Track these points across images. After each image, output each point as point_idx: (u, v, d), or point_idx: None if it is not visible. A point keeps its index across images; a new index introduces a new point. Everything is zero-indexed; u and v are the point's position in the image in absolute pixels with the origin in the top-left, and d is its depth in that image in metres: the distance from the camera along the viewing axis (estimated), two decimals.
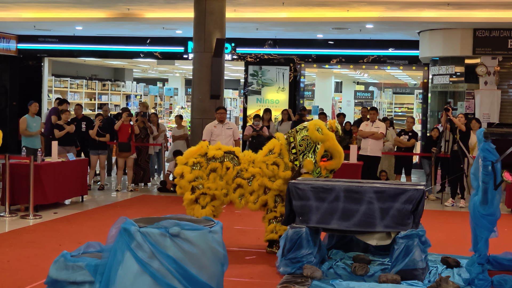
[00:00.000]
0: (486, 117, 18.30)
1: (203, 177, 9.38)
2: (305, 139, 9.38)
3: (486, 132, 7.69)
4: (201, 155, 9.51)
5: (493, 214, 7.80)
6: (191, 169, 9.42)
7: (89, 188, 15.45)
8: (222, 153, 9.52)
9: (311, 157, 9.33)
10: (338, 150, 9.45)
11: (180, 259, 5.37)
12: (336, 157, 9.43)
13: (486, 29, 18.51)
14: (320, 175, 9.35)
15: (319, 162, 9.34)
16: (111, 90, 30.54)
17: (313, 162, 9.30)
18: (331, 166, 9.44)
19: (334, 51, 22.90)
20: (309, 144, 9.36)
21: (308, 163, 9.30)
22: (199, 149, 9.59)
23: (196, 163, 9.43)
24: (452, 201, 14.84)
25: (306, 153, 9.35)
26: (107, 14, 19.38)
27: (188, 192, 9.38)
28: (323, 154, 9.39)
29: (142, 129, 16.69)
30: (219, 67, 15.82)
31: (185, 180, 9.40)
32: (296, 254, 8.24)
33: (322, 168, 9.36)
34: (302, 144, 9.37)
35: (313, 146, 9.35)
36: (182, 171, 9.45)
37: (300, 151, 9.37)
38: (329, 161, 9.43)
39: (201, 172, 9.39)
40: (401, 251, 7.95)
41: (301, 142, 9.38)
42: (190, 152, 9.62)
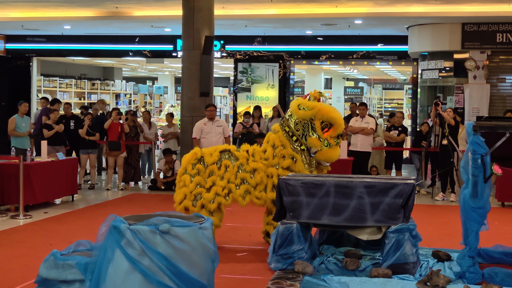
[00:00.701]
0: (475, 111, 18.34)
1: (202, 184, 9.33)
2: (298, 123, 9.35)
3: (476, 126, 7.70)
4: (197, 159, 9.47)
5: (483, 207, 7.82)
6: (191, 178, 9.38)
7: (79, 187, 15.41)
8: (218, 155, 9.49)
9: (313, 135, 9.29)
10: (332, 115, 9.34)
11: (171, 256, 5.35)
12: (335, 121, 9.34)
13: (474, 23, 18.54)
14: (330, 145, 9.29)
15: (323, 135, 9.29)
16: (101, 89, 30.49)
17: (317, 138, 9.26)
18: (335, 132, 9.37)
19: (323, 47, 22.90)
20: (304, 125, 9.31)
21: (313, 141, 9.25)
22: (193, 155, 9.53)
23: (196, 171, 9.39)
24: (443, 195, 14.87)
25: (306, 134, 9.31)
26: (95, 13, 19.33)
27: (189, 202, 9.34)
28: (323, 125, 9.33)
29: (132, 128, 16.65)
30: (208, 65, 15.80)
31: (188, 190, 9.35)
32: (287, 250, 8.23)
33: (328, 138, 9.31)
34: (299, 128, 9.33)
35: (309, 125, 9.31)
36: (184, 181, 9.42)
37: (300, 135, 9.34)
38: (331, 128, 9.36)
39: (202, 179, 9.35)
40: (392, 245, 7.95)
41: (296, 126, 9.34)
42: (186, 160, 9.57)
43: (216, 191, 9.29)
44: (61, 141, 15.38)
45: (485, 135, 7.69)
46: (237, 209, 11.83)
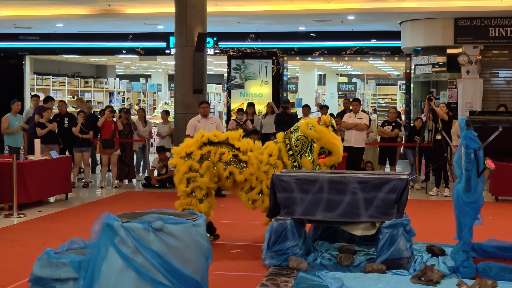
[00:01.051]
0: (468, 106, 18.36)
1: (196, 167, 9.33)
2: (299, 139, 9.39)
3: (468, 120, 7.71)
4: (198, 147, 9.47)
5: (477, 201, 7.83)
6: (183, 161, 9.39)
7: (73, 186, 15.38)
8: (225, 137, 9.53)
9: (308, 156, 9.32)
10: (335, 144, 9.40)
11: (164, 253, 5.35)
12: (334, 152, 9.39)
13: (467, 18, 18.56)
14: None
15: (318, 160, 9.33)
16: (94, 87, 30.44)
17: (310, 161, 9.31)
18: (330, 162, 9.41)
19: (317, 43, 22.92)
20: (304, 143, 9.36)
21: (306, 162, 9.30)
22: (196, 141, 9.53)
23: (189, 153, 9.39)
24: (437, 190, 14.89)
25: (303, 153, 9.35)
26: (87, 11, 19.30)
27: (183, 184, 9.34)
28: (321, 151, 9.38)
29: (126, 125, 16.64)
30: (201, 62, 15.79)
31: (180, 172, 9.36)
32: (282, 246, 8.23)
33: (322, 165, 9.35)
34: (298, 145, 9.37)
35: (309, 145, 9.36)
36: (176, 164, 9.43)
37: (296, 151, 9.37)
38: (328, 157, 9.40)
39: (193, 163, 9.35)
40: (386, 240, 7.96)
41: (296, 142, 9.38)
42: (186, 144, 9.57)
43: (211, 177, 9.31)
44: (54, 139, 15.35)
45: (478, 129, 7.69)
46: (232, 206, 11.86)
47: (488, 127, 7.76)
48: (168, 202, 13.17)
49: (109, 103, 29.38)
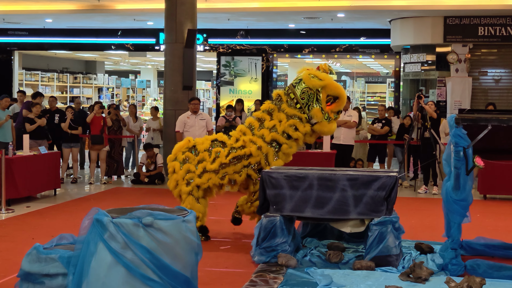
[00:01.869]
0: (457, 104, 18.41)
1: (192, 169, 9.36)
2: (305, 92, 9.31)
3: (458, 118, 7.73)
4: (189, 148, 9.49)
5: (465, 199, 7.86)
6: (181, 165, 9.40)
7: (62, 181, 15.34)
8: (209, 143, 9.53)
9: (316, 106, 9.28)
10: (339, 89, 9.38)
11: (154, 249, 5.34)
12: (340, 95, 9.35)
13: (456, 16, 18.61)
14: (330, 119, 9.31)
15: (325, 108, 9.30)
16: (83, 83, 30.38)
17: (320, 110, 9.26)
18: (337, 107, 9.36)
19: (306, 40, 22.93)
20: (310, 94, 9.29)
21: (316, 112, 9.23)
22: (186, 143, 9.56)
23: (185, 158, 9.41)
24: (425, 188, 14.94)
25: (310, 104, 9.30)
26: (77, 6, 19.25)
27: (183, 185, 9.36)
28: (328, 98, 9.34)
29: (115, 121, 16.60)
30: (191, 58, 15.78)
31: (179, 175, 9.37)
32: (271, 243, 8.24)
33: (329, 111, 9.31)
34: (304, 97, 9.30)
35: (314, 95, 9.29)
36: (173, 168, 9.44)
37: (303, 104, 9.32)
38: (333, 103, 9.37)
39: (191, 165, 9.37)
40: (375, 238, 7.98)
41: (302, 95, 9.32)
42: (177, 147, 9.60)
43: (209, 177, 9.32)
44: (43, 135, 15.30)
45: (467, 127, 7.72)
46: (221, 202, 11.84)
47: (477, 125, 7.79)
48: (157, 198, 13.19)
49: (98, 99, 29.30)
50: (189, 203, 9.30)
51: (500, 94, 19.13)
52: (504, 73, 19.17)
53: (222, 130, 16.61)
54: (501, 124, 7.73)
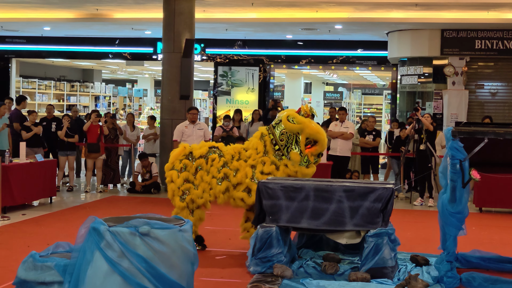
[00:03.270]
0: (454, 117, 18.46)
1: (190, 179, 9.35)
2: (284, 133, 9.34)
3: (455, 131, 7.75)
4: (185, 155, 9.48)
5: (461, 212, 7.87)
6: (178, 174, 9.39)
7: (58, 190, 15.32)
8: (207, 149, 9.53)
9: (295, 149, 9.29)
10: (319, 132, 9.32)
11: (150, 258, 5.35)
12: (319, 140, 9.31)
13: (453, 29, 18.68)
14: (309, 163, 9.30)
15: (304, 151, 9.29)
16: (80, 91, 30.38)
17: (298, 153, 9.26)
18: (316, 151, 9.33)
19: (304, 51, 22.99)
20: (289, 136, 9.30)
21: (294, 155, 9.24)
22: (182, 150, 9.55)
23: (183, 166, 9.41)
24: (421, 200, 14.95)
25: (289, 146, 9.30)
26: (75, 15, 19.27)
27: (177, 198, 9.36)
28: (306, 141, 9.31)
29: (112, 130, 16.60)
30: (188, 68, 15.81)
31: (175, 185, 9.38)
32: (266, 253, 8.24)
33: (309, 155, 9.30)
34: (283, 139, 9.31)
35: (293, 137, 9.29)
36: (171, 177, 9.44)
37: (282, 145, 9.33)
38: (314, 146, 9.34)
39: (189, 174, 9.36)
40: (371, 249, 7.98)
41: (281, 136, 9.33)
42: (174, 155, 9.59)
43: (204, 188, 9.33)
44: (39, 142, 15.31)
45: (464, 140, 7.74)
46: (217, 212, 11.83)
47: (473, 138, 7.81)
48: (153, 208, 13.17)
49: (94, 108, 29.30)
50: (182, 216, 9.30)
51: (497, 108, 19.18)
52: (500, 87, 19.23)
53: (219, 140, 16.62)
54: (498, 138, 7.75)
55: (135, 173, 16.23)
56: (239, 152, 9.52)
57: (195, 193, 9.32)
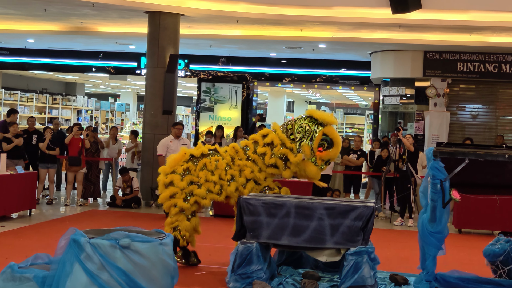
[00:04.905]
0: (435, 138, 18.57)
1: (194, 180, 9.32)
2: (303, 126, 9.37)
3: (436, 151, 7.80)
4: (186, 160, 9.46)
5: (441, 231, 7.90)
6: (181, 177, 9.34)
7: (38, 202, 15.23)
8: (207, 150, 9.53)
9: (308, 144, 9.30)
10: (338, 137, 9.39)
11: (130, 271, 5.33)
12: (335, 144, 9.33)
13: (436, 51, 18.83)
14: (316, 164, 9.32)
15: (316, 151, 9.29)
16: (62, 104, 30.27)
17: (310, 147, 9.27)
18: (327, 156, 9.34)
19: (287, 70, 23.08)
20: (306, 131, 9.32)
21: (306, 148, 9.25)
22: (182, 156, 9.53)
23: (185, 169, 9.37)
24: (401, 220, 14.99)
25: (304, 140, 9.32)
26: (59, 27, 19.23)
27: (180, 200, 9.30)
28: (320, 143, 9.32)
29: (93, 144, 16.55)
30: (172, 83, 15.82)
31: (176, 188, 9.32)
32: (246, 270, 8.22)
33: (318, 157, 9.31)
34: (300, 131, 9.34)
35: (310, 134, 9.31)
36: (172, 180, 9.38)
37: (297, 138, 9.35)
38: (326, 151, 9.35)
39: (193, 177, 9.33)
40: (351, 267, 7.99)
41: (299, 129, 9.36)
42: (174, 161, 9.54)
43: (209, 187, 9.31)
44: (20, 154, 15.23)
45: (445, 160, 7.78)
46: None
47: (454, 159, 7.85)
48: (133, 222, 13.12)
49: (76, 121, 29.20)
50: (177, 219, 9.27)
51: (477, 130, 19.33)
52: (481, 109, 19.39)
53: None
54: (478, 159, 7.80)
55: (116, 187, 16.18)
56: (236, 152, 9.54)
57: (199, 192, 9.28)
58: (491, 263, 8.86)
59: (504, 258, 8.59)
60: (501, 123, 19.48)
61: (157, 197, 15.23)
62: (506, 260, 8.64)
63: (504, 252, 8.63)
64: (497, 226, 14.09)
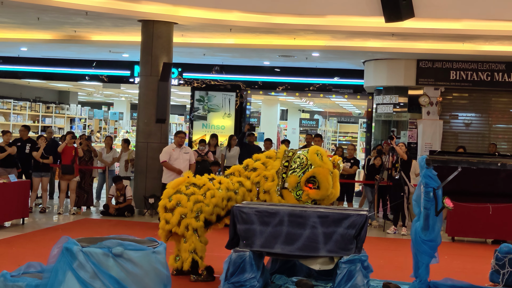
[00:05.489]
0: (428, 146, 18.60)
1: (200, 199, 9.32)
2: (300, 157, 9.42)
3: (429, 159, 7.81)
4: (189, 183, 9.47)
5: (434, 240, 7.91)
6: (188, 197, 9.34)
7: (31, 211, 15.21)
8: (207, 180, 9.58)
9: (297, 175, 9.32)
10: (328, 182, 9.31)
11: (123, 279, 5.32)
12: (322, 188, 9.32)
13: (429, 60, 18.88)
14: (300, 199, 9.34)
15: (303, 185, 9.32)
16: (55, 113, 30.25)
17: (297, 179, 9.29)
18: (314, 195, 9.36)
19: (280, 78, 23.10)
20: (302, 163, 9.36)
21: (292, 177, 9.29)
22: (185, 179, 9.54)
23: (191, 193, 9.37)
24: (394, 228, 15.00)
25: (297, 170, 9.34)
26: (53, 36, 19.23)
27: (192, 220, 9.27)
28: (310, 179, 9.35)
29: (86, 152, 16.54)
30: (165, 91, 15.83)
31: (185, 209, 9.29)
32: (239, 278, 8.20)
33: (305, 193, 9.34)
34: (296, 161, 9.38)
35: (305, 168, 9.35)
36: (179, 200, 9.37)
37: (291, 166, 9.39)
38: (315, 189, 9.39)
39: (198, 195, 9.33)
40: (344, 276, 7.97)
41: (296, 159, 9.40)
42: (178, 182, 9.55)
43: (216, 203, 9.36)
44: (13, 163, 15.21)
45: (438, 169, 7.80)
46: None
47: (447, 167, 7.87)
48: (126, 231, 13.07)
49: (70, 130, 29.17)
50: (193, 241, 9.27)
51: (470, 138, 19.37)
52: (474, 118, 19.44)
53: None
54: (471, 167, 7.82)
55: (110, 196, 16.16)
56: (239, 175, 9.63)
57: (207, 210, 9.30)
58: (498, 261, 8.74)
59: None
60: (494, 131, 19.53)
61: (150, 206, 15.42)
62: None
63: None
64: (490, 234, 14.13)
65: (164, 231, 9.40)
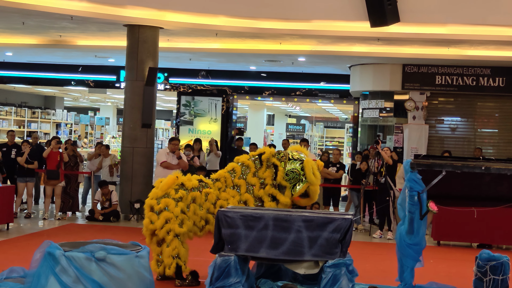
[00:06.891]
0: (414, 150, 18.64)
1: (184, 210, 9.32)
2: (294, 172, 9.50)
3: (413, 163, 7.83)
4: (178, 185, 9.45)
5: (419, 243, 7.93)
6: (176, 203, 9.32)
7: (15, 216, 15.12)
8: (198, 183, 9.54)
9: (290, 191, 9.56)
10: (317, 193, 9.74)
11: (106, 284, 5.30)
12: (312, 197, 9.71)
13: (414, 65, 18.93)
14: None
15: (295, 196, 9.52)
16: (41, 118, 30.13)
17: (290, 198, 9.54)
18: (302, 203, 9.76)
19: (267, 83, 23.12)
20: (294, 177, 9.48)
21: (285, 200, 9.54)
22: (175, 180, 9.51)
23: (179, 197, 9.35)
24: (380, 233, 15.02)
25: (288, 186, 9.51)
26: (38, 41, 19.16)
27: (176, 226, 9.26)
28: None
29: (72, 157, 16.48)
30: (151, 96, 15.80)
31: (171, 214, 9.27)
32: (224, 283, 8.18)
33: (295, 201, 9.57)
34: (289, 174, 9.49)
35: (297, 181, 9.49)
36: (167, 205, 9.34)
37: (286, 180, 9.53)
38: (302, 198, 9.64)
39: (184, 205, 9.33)
40: (329, 280, 7.97)
41: (289, 172, 9.50)
42: (167, 184, 9.51)
43: (195, 221, 9.40)
44: None
45: (422, 172, 7.82)
46: None
47: (432, 171, 7.89)
48: (112, 236, 13.01)
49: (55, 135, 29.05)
50: (176, 246, 9.25)
51: (456, 143, 19.44)
52: (460, 122, 19.52)
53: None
54: (455, 170, 7.85)
55: (95, 201, 16.09)
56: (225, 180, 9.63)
57: (188, 225, 9.34)
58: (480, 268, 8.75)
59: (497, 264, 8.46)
60: (479, 136, 19.61)
61: (136, 211, 15.36)
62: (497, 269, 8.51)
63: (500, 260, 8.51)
64: (475, 238, 14.17)
65: (148, 230, 9.39)
